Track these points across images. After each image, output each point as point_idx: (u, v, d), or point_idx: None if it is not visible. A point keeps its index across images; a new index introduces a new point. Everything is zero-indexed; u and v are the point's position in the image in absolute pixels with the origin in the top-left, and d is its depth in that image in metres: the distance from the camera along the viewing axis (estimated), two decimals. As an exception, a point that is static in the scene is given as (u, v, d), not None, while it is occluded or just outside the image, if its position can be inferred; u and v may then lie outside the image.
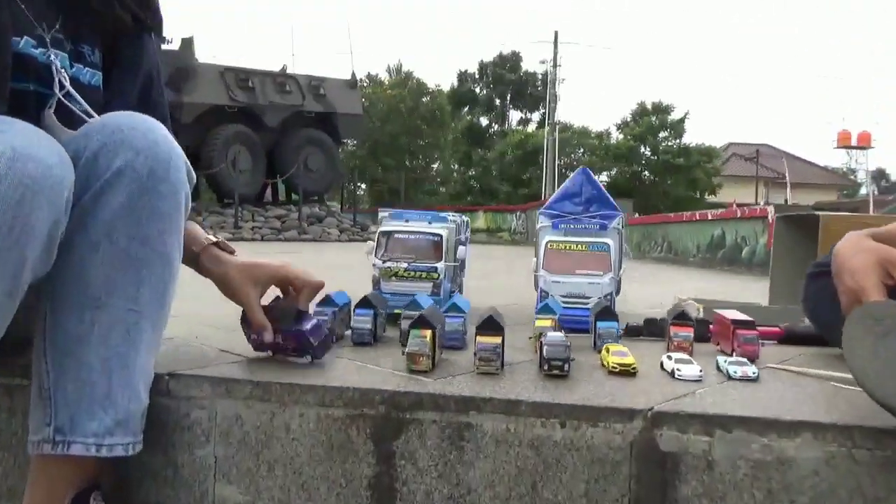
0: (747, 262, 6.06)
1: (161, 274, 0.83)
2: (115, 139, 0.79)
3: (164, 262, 0.84)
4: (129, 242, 0.80)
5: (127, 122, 0.81)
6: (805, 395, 0.89)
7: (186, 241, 0.98)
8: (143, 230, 0.81)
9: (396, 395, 0.85)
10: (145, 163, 0.80)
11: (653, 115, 25.59)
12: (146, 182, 0.80)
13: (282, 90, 13.27)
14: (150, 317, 0.83)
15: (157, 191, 0.81)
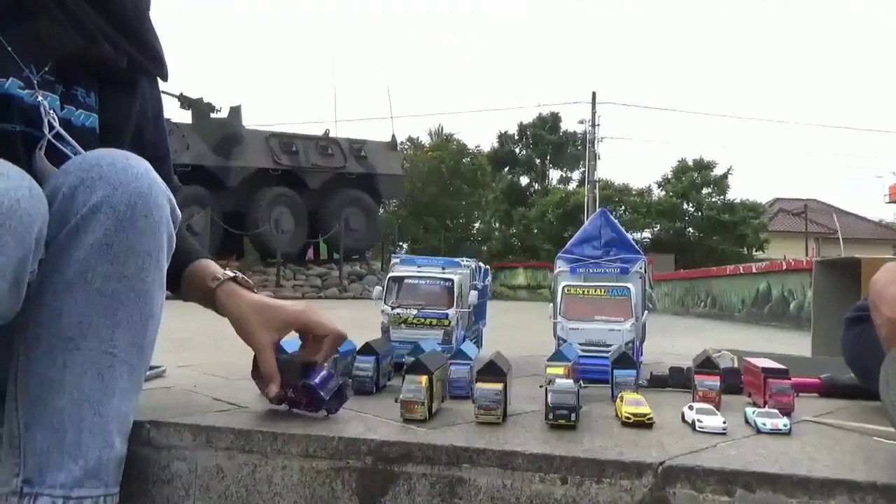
0: (795, 317, 5.80)
1: (139, 315, 0.80)
2: (93, 174, 0.77)
3: (142, 301, 0.80)
4: (104, 281, 0.77)
5: (106, 158, 0.79)
6: (843, 452, 0.79)
7: (202, 277, 0.96)
8: (120, 268, 0.78)
9: (384, 446, 0.78)
10: (123, 198, 0.77)
11: (695, 171, 25.35)
12: (124, 218, 0.77)
13: (324, 153, 13.63)
14: (126, 360, 0.79)
15: (136, 227, 0.78)
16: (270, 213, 12.65)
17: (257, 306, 0.93)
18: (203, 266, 0.98)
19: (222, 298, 0.93)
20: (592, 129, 24.37)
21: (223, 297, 0.93)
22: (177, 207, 0.85)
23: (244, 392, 1.08)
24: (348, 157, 13.86)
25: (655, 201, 25.69)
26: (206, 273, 0.96)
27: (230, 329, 0.94)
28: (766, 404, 0.98)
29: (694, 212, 25.10)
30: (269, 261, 12.85)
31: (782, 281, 6.25)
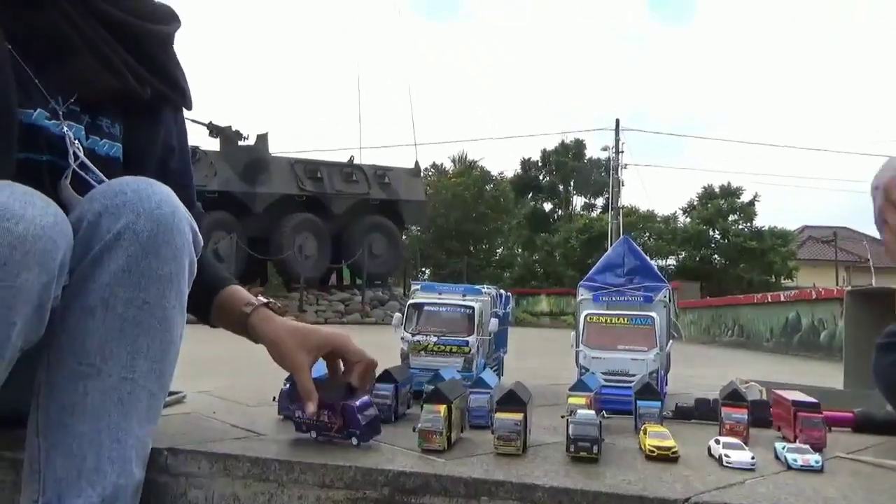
0: (826, 347, 5.65)
1: (160, 341, 0.80)
2: (118, 202, 0.78)
3: (164, 327, 0.80)
4: (126, 307, 0.77)
5: (130, 185, 0.80)
6: (879, 491, 0.75)
7: (234, 304, 0.97)
8: (142, 294, 0.78)
9: (401, 476, 0.77)
10: (146, 225, 0.78)
11: (721, 198, 25.10)
12: (147, 245, 0.78)
13: (348, 179, 13.77)
14: (146, 386, 0.79)
15: (159, 254, 0.79)
16: (294, 239, 12.77)
17: (292, 329, 0.94)
18: (234, 293, 0.99)
19: (257, 323, 0.94)
20: (616, 155, 24.31)
21: (258, 323, 0.95)
22: (199, 233, 0.86)
23: (262, 419, 1.08)
24: (372, 184, 13.98)
25: (681, 228, 25.45)
26: (238, 299, 0.97)
27: (250, 355, 0.94)
28: (797, 439, 0.95)
29: (720, 239, 24.79)
30: (293, 286, 12.93)
31: (812, 310, 6.12)
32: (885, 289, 1.55)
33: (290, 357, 0.92)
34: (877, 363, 1.00)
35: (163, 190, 0.82)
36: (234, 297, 0.98)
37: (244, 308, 0.95)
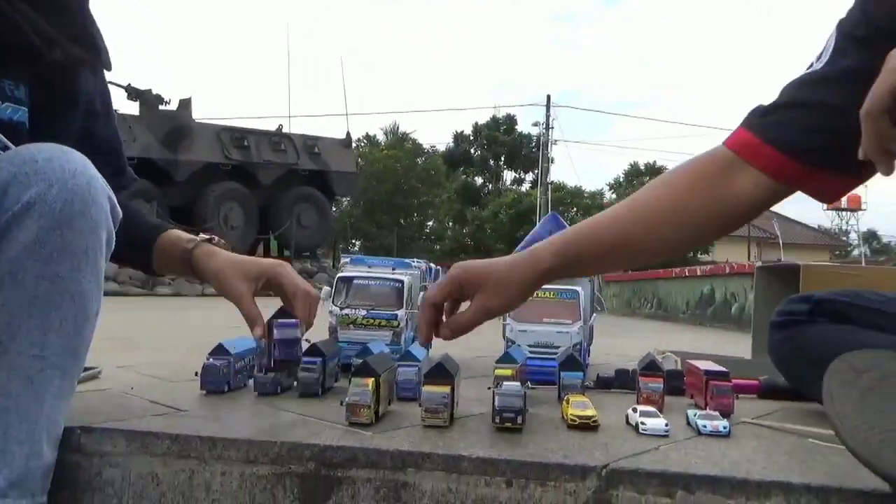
0: (736, 319, 5.99)
1: (74, 317, 0.76)
2: (28, 170, 0.73)
3: (77, 303, 0.76)
4: (36, 282, 0.73)
5: (42, 153, 0.75)
6: (780, 453, 0.81)
7: (176, 244, 0.99)
8: (54, 268, 0.74)
9: (328, 451, 0.77)
10: (59, 195, 0.74)
11: (646, 175, 25.96)
12: (59, 216, 0.74)
13: (277, 149, 13.41)
14: (58, 364, 0.75)
15: (73, 226, 0.75)
16: (220, 209, 12.39)
17: (232, 260, 0.99)
18: (174, 234, 1.01)
19: (200, 257, 0.98)
20: (546, 131, 24.66)
21: (201, 256, 0.98)
22: (118, 205, 0.82)
23: (183, 395, 1.05)
24: (301, 154, 13.67)
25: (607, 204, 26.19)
26: (179, 238, 1.00)
27: (171, 328, 0.92)
28: (708, 406, 1.00)
29: (643, 215, 25.66)
30: (218, 257, 12.59)
31: (725, 284, 6.45)
32: (791, 265, 1.65)
33: (230, 287, 0.97)
34: (770, 340, 1.06)
35: (78, 158, 0.77)
36: (175, 238, 1.00)
37: (186, 244, 0.98)
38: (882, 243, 36.21)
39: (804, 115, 0.74)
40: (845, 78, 0.72)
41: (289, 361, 1.04)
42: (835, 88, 0.72)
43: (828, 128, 0.73)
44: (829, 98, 0.73)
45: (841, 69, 0.72)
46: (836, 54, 0.73)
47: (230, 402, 1.01)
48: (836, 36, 0.74)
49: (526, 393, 0.89)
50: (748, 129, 0.78)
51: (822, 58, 0.75)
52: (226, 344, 1.09)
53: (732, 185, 0.78)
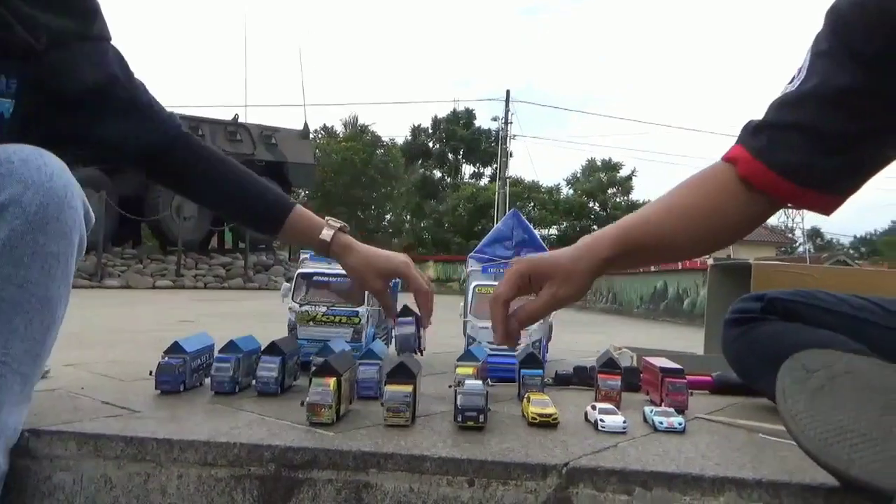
0: (688, 314, 6.15)
1: (40, 322, 0.74)
2: (3, 171, 0.71)
3: (44, 308, 0.74)
4: (3, 285, 0.71)
5: (18, 153, 0.72)
6: (732, 449, 0.83)
7: (309, 229, 1.09)
8: (23, 272, 0.71)
9: (288, 452, 0.76)
10: (34, 198, 0.71)
11: (602, 171, 26.37)
12: (34, 219, 0.71)
13: (232, 139, 13.14)
14: (19, 370, 0.73)
15: (46, 230, 0.72)
16: (172, 199, 12.08)
17: (367, 257, 1.12)
18: (304, 218, 1.09)
19: (338, 252, 1.10)
20: (505, 126, 24.78)
21: (339, 251, 1.10)
22: (91, 210, 0.80)
23: (137, 395, 1.02)
24: (258, 144, 13.43)
25: (563, 199, 26.52)
26: (312, 226, 1.09)
27: (122, 324, 0.90)
28: (663, 402, 1.03)
29: (599, 211, 26.12)
30: (169, 249, 12.28)
31: (678, 280, 6.62)
32: (743, 263, 1.70)
33: (368, 284, 1.14)
34: (724, 337, 1.09)
35: (55, 162, 0.74)
36: (308, 224, 1.09)
37: (323, 236, 1.08)
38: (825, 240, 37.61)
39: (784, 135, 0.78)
40: (813, 97, 0.76)
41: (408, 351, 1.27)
42: (805, 109, 0.76)
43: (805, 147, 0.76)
44: (799, 118, 0.76)
45: (809, 88, 0.76)
46: (809, 73, 0.77)
47: (186, 402, 0.99)
48: (809, 54, 0.78)
49: (487, 391, 0.90)
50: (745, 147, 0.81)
51: (800, 72, 0.78)
52: (181, 342, 1.07)
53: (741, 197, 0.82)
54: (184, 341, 1.08)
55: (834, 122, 0.75)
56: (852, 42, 0.73)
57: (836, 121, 0.75)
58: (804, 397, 0.70)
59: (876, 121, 0.75)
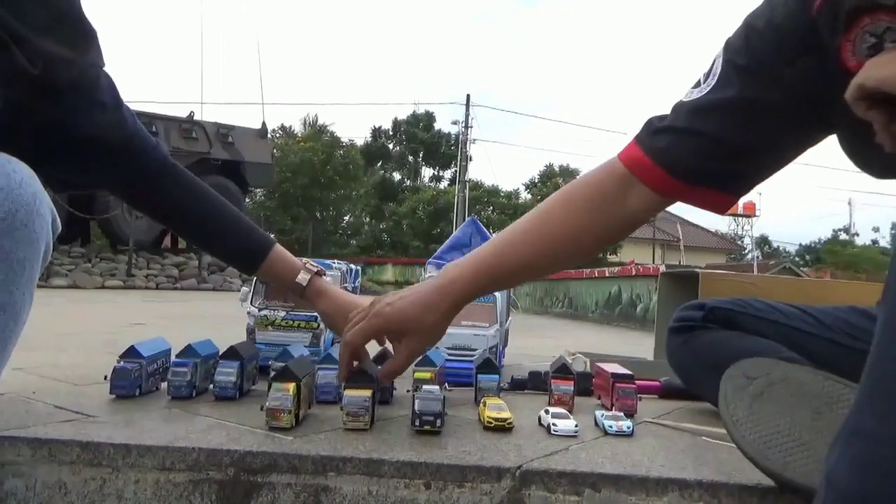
0: (641, 319, 6.30)
1: (2, 328, 0.73)
2: None
3: (7, 314, 0.74)
4: None
5: None
6: (676, 451, 0.87)
7: (286, 271, 1.10)
8: None
9: (247, 456, 0.77)
10: (3, 204, 0.71)
11: (560, 177, 26.72)
12: (1, 225, 0.71)
13: (187, 136, 12.88)
14: None
15: (13, 236, 0.72)
16: (124, 198, 11.80)
17: (338, 305, 1.10)
18: (282, 259, 1.11)
19: (313, 298, 1.11)
20: (465, 130, 24.89)
21: (313, 296, 1.11)
22: (58, 218, 0.79)
23: (92, 399, 1.01)
24: (213, 143, 13.19)
25: (522, 204, 26.77)
26: (289, 269, 1.10)
27: (73, 325, 0.89)
28: (613, 407, 1.07)
29: (556, 215, 26.41)
30: (120, 248, 11.95)
31: (631, 285, 6.77)
32: (691, 272, 1.76)
33: (338, 332, 1.08)
34: (668, 344, 1.14)
35: (24, 169, 0.74)
36: (285, 266, 1.11)
37: (298, 281, 1.09)
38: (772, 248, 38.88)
39: (690, 141, 0.80)
40: (727, 108, 0.78)
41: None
42: (718, 119, 0.78)
43: (710, 154, 0.79)
44: (711, 128, 0.78)
45: (724, 99, 0.78)
46: (721, 82, 0.78)
47: (142, 406, 0.99)
48: (721, 60, 0.79)
49: (445, 396, 0.92)
50: (640, 145, 0.83)
51: (709, 79, 0.80)
52: (138, 346, 1.06)
53: (626, 199, 0.84)
54: (140, 345, 1.07)
55: (740, 132, 0.77)
56: (765, 60, 0.75)
57: (742, 132, 0.77)
58: (744, 404, 0.74)
59: (780, 135, 0.78)
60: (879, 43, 0.64)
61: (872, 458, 0.43)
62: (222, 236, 1.09)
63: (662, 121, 0.83)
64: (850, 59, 0.67)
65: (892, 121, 0.58)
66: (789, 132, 0.79)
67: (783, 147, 0.81)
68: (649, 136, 0.83)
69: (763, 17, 0.76)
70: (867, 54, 0.65)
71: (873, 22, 0.65)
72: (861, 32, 0.66)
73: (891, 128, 0.58)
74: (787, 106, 0.76)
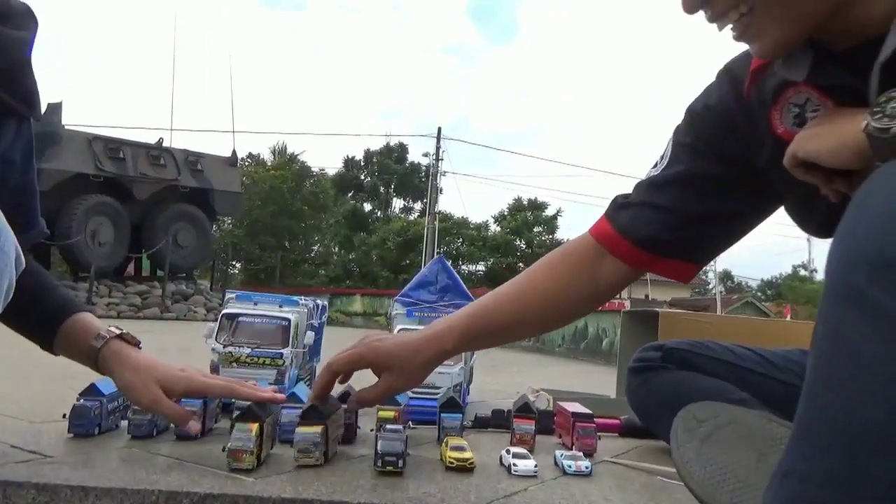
0: (606, 353, 6.37)
1: None
2: None
3: None
4: None
5: None
6: (632, 491, 0.90)
7: (83, 334, 0.91)
8: None
9: (208, 499, 0.76)
10: None
11: (528, 210, 27.03)
12: None
13: (155, 163, 12.77)
14: None
15: None
16: (87, 223, 11.57)
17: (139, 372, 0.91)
18: (83, 322, 0.93)
19: (107, 361, 0.91)
20: (436, 162, 25.10)
21: (108, 360, 0.91)
22: (22, 255, 0.78)
23: (49, 438, 1.00)
24: (182, 170, 13.10)
25: (491, 236, 26.95)
26: (88, 330, 0.92)
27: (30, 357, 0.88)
28: (573, 446, 1.09)
29: (525, 248, 26.67)
30: (81, 275, 11.70)
31: (597, 320, 6.85)
32: (652, 311, 1.81)
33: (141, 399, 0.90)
34: (627, 384, 1.18)
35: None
36: (83, 328, 0.93)
37: (94, 342, 0.91)
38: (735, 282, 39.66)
39: (647, 213, 0.89)
40: (677, 182, 0.88)
41: None
42: (670, 192, 0.88)
43: (665, 224, 0.88)
44: (665, 201, 0.88)
45: (674, 174, 0.88)
46: (671, 161, 0.89)
47: (101, 446, 0.98)
48: (671, 142, 0.91)
49: (407, 437, 0.93)
50: (608, 220, 0.92)
51: (663, 158, 0.91)
52: (98, 384, 1.05)
53: (601, 269, 0.92)
54: (100, 383, 1.06)
55: (691, 203, 0.87)
56: (706, 137, 0.86)
57: (692, 202, 0.87)
58: (693, 445, 0.77)
59: (728, 204, 0.87)
60: (802, 113, 0.74)
61: (802, 497, 0.46)
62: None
63: (626, 198, 0.92)
64: (779, 126, 0.77)
65: (829, 181, 0.64)
66: (737, 201, 0.87)
67: (734, 216, 0.89)
68: (615, 212, 0.92)
69: (701, 102, 0.87)
70: (793, 122, 0.75)
71: (796, 94, 0.74)
72: (786, 104, 0.75)
73: (831, 186, 0.65)
74: (730, 176, 0.85)
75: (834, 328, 0.46)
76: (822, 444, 0.45)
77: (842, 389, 0.44)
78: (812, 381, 0.48)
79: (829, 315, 0.47)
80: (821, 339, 0.47)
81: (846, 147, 0.60)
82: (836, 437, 0.44)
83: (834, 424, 0.44)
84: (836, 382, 0.45)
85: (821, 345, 0.47)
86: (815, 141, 0.64)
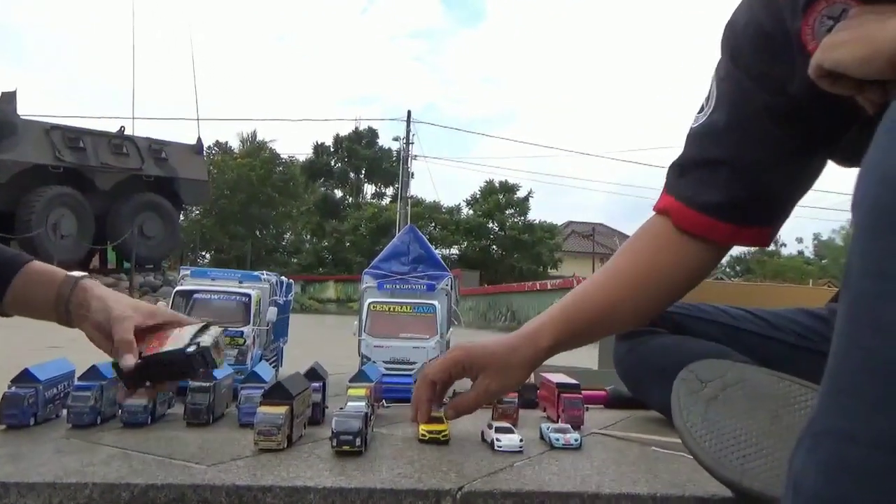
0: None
1: None
2: None
3: None
4: None
5: None
6: (627, 463, 0.82)
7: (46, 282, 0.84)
8: None
9: (150, 490, 0.67)
10: None
11: (500, 193, 27.00)
12: None
13: (118, 152, 12.42)
14: None
15: None
16: (47, 216, 11.23)
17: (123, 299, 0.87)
18: (38, 271, 0.86)
19: (83, 303, 0.83)
20: (407, 146, 24.90)
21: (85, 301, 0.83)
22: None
23: (-23, 431, 0.89)
24: (146, 158, 12.77)
25: (464, 219, 26.90)
26: (48, 277, 0.85)
27: None
28: (560, 418, 1.01)
29: (498, 231, 26.70)
30: (44, 269, 11.37)
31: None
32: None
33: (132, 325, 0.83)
34: (616, 351, 1.10)
35: None
36: (38, 277, 0.85)
37: (61, 288, 0.84)
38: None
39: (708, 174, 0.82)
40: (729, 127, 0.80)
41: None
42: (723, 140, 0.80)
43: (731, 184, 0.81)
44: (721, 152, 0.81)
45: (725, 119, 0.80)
46: (717, 101, 0.81)
47: (34, 437, 0.87)
48: (714, 80, 0.82)
49: (367, 413, 0.84)
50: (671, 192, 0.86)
51: (709, 100, 0.82)
52: (33, 370, 0.94)
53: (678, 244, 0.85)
54: (36, 368, 0.95)
55: (748, 151, 0.79)
56: (744, 64, 0.78)
57: (748, 148, 0.79)
58: (698, 409, 0.69)
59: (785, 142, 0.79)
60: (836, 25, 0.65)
61: (844, 460, 0.38)
62: None
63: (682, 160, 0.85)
64: (810, 42, 0.68)
65: (860, 90, 0.58)
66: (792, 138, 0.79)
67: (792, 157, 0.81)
68: (676, 180, 0.85)
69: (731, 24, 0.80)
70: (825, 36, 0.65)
71: (829, 5, 0.66)
72: (819, 16, 0.67)
73: (864, 94, 0.59)
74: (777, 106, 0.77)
75: (878, 262, 0.38)
76: (871, 397, 0.37)
77: (893, 331, 0.37)
78: (850, 327, 0.40)
79: (869, 248, 0.39)
80: (859, 279, 0.40)
81: (879, 55, 0.52)
82: (890, 389, 0.36)
83: (886, 373, 0.37)
84: (886, 324, 0.37)
85: (860, 284, 0.39)
86: (843, 49, 0.56)
